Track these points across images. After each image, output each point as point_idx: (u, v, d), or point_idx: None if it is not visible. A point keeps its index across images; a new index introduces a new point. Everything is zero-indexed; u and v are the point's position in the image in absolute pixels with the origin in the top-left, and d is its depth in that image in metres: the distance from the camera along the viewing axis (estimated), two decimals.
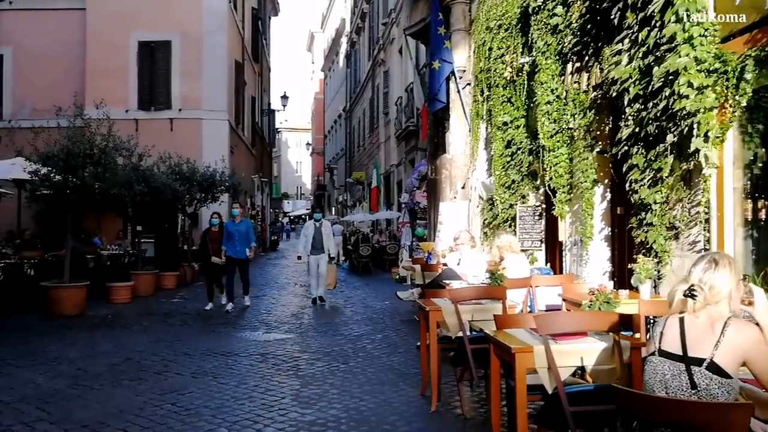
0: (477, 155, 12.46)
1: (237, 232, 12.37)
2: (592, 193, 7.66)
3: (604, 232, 7.84)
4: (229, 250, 12.35)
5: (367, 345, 8.80)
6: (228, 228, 12.43)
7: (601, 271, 7.83)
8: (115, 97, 20.80)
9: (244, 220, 12.85)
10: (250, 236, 12.63)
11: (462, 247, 8.75)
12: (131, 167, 12.88)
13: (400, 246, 20.77)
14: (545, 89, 8.46)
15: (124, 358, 7.98)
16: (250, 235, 12.60)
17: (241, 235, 12.35)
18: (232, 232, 12.37)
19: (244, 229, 12.48)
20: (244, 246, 12.38)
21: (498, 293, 5.66)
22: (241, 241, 12.33)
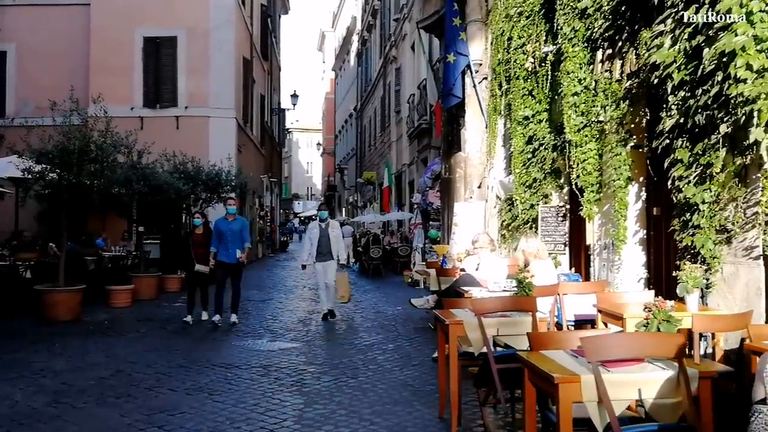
0: (494, 153, 11.78)
1: (230, 231, 10.57)
2: (625, 192, 6.96)
3: (639, 234, 7.15)
4: (220, 253, 10.60)
5: (378, 356, 8.14)
6: (219, 227, 10.62)
7: (636, 278, 7.13)
8: (119, 94, 20.31)
9: (239, 218, 11.01)
10: (245, 236, 10.80)
11: (481, 251, 8.13)
12: (130, 165, 12.27)
13: (412, 248, 20.11)
14: (572, 79, 7.76)
15: (114, 370, 7.36)
16: (244, 236, 10.77)
17: (235, 236, 10.58)
18: (224, 231, 10.57)
19: (238, 228, 10.66)
20: (239, 248, 10.62)
21: (527, 305, 4.98)
22: (235, 243, 10.58)
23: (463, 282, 7.80)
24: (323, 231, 11.25)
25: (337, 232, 11.45)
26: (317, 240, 11.16)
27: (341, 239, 11.60)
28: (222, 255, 10.57)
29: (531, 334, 3.84)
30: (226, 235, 10.53)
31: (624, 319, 5.00)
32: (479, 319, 4.83)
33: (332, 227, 11.44)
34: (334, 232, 11.34)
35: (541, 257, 6.90)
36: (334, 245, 11.24)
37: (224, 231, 10.56)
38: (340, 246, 11.41)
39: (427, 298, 8.60)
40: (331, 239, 11.22)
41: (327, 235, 11.21)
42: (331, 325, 10.64)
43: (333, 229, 11.41)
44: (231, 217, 10.77)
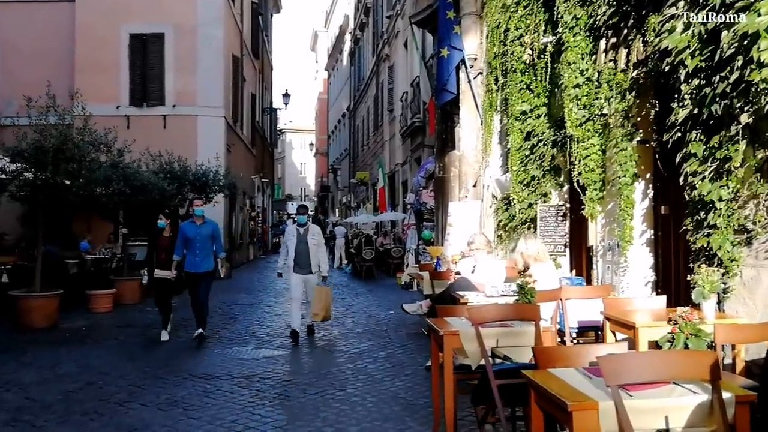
0: (490, 150, 11.32)
1: (198, 237, 9.08)
2: (631, 189, 6.51)
3: (646, 235, 6.69)
4: (188, 261, 9.08)
5: (368, 365, 7.66)
6: (185, 232, 9.07)
7: (643, 281, 6.68)
8: (105, 92, 19.84)
9: (210, 222, 9.49)
10: (218, 244, 9.37)
11: (477, 253, 7.68)
12: (110, 164, 11.74)
13: (405, 249, 19.63)
14: (573, 71, 7.31)
15: (84, 382, 6.86)
16: (217, 241, 9.34)
17: (204, 242, 9.11)
18: (190, 237, 9.03)
19: (208, 233, 9.19)
20: (208, 256, 9.16)
21: (530, 313, 4.51)
22: (204, 250, 9.09)
23: (459, 286, 7.33)
24: (301, 237, 9.42)
25: (318, 239, 9.55)
26: (294, 248, 9.37)
27: (323, 248, 9.77)
28: (189, 264, 9.11)
29: (537, 350, 3.38)
30: (194, 241, 9.08)
31: (636, 328, 4.55)
32: (477, 330, 4.37)
33: (312, 234, 9.51)
34: (314, 240, 9.47)
35: (542, 260, 6.44)
36: (314, 255, 9.43)
37: (192, 237, 9.08)
38: (322, 254, 9.61)
39: (420, 303, 8.14)
40: (311, 248, 9.39)
41: (306, 242, 9.37)
42: (320, 331, 10.15)
43: (313, 236, 9.49)
44: (199, 220, 9.25)
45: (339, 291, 16.53)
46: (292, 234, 9.57)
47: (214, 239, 9.32)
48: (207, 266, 9.18)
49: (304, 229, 9.56)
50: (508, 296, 6.66)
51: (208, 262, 9.19)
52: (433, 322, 4.92)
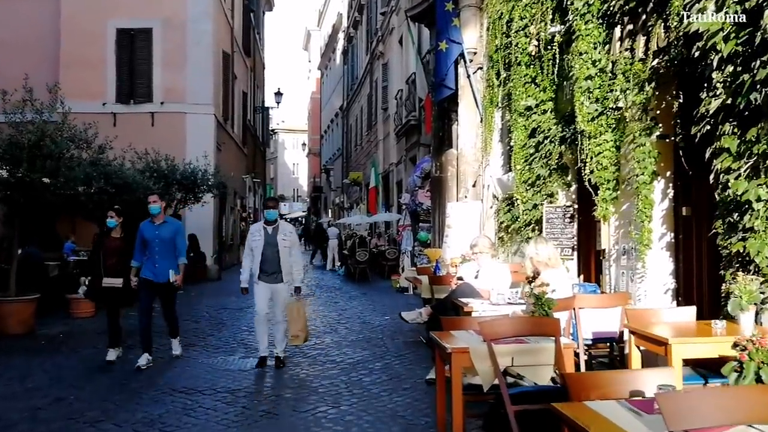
0: (490, 148, 10.81)
1: (157, 240, 7.67)
2: (650, 189, 6.01)
3: (666, 238, 6.19)
4: (145, 268, 7.72)
5: (363, 377, 7.11)
6: (143, 233, 7.72)
7: (662, 289, 6.17)
8: (91, 89, 19.27)
9: (171, 221, 8.08)
10: (179, 247, 7.85)
11: (481, 257, 7.15)
12: (89, 161, 11.15)
13: (400, 251, 19.10)
14: (585, 61, 6.79)
15: (54, 398, 6.29)
16: (178, 245, 7.83)
17: (164, 246, 7.68)
18: (149, 239, 7.68)
19: (169, 236, 7.73)
20: (171, 262, 7.70)
21: (549, 327, 3.99)
22: (165, 255, 7.67)
23: (461, 293, 6.79)
24: (270, 238, 7.61)
25: (290, 239, 7.74)
26: (260, 251, 7.58)
27: (298, 249, 8.02)
28: (146, 271, 7.69)
29: (568, 377, 2.84)
30: (153, 244, 7.66)
31: (668, 345, 4.03)
32: (490, 347, 3.84)
33: (283, 233, 7.67)
34: (286, 240, 7.64)
35: (554, 265, 5.92)
36: (286, 259, 7.62)
37: (150, 239, 7.67)
38: (296, 260, 7.81)
39: (419, 311, 7.59)
40: (281, 250, 7.58)
41: (275, 243, 7.57)
42: (312, 339, 9.57)
43: (285, 235, 7.67)
44: (158, 219, 7.78)
45: (332, 294, 16.01)
46: (258, 233, 7.65)
47: (176, 242, 7.82)
48: (168, 275, 7.68)
49: (272, 228, 7.65)
50: (516, 304, 6.15)
51: (170, 271, 7.68)
52: (438, 336, 4.38)
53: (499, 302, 6.25)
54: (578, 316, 5.65)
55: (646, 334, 4.29)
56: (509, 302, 6.28)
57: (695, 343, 4.08)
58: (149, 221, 7.84)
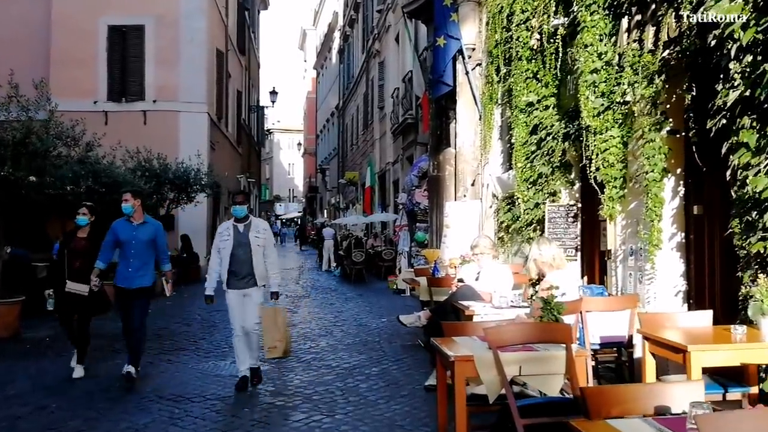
0: (490, 146, 10.54)
1: (134, 241, 6.83)
2: (660, 186, 5.73)
3: (676, 238, 5.91)
4: (118, 275, 6.87)
5: (360, 383, 6.83)
6: (117, 233, 6.82)
7: (672, 291, 5.89)
8: (82, 87, 18.96)
9: (151, 222, 7.08)
10: (162, 251, 7.04)
11: (482, 258, 6.87)
12: (77, 159, 10.83)
13: (397, 252, 18.81)
14: (590, 54, 6.52)
15: (35, 406, 5.99)
16: (160, 249, 7.02)
17: (142, 248, 6.83)
18: (124, 241, 6.81)
19: (148, 238, 6.88)
20: (145, 268, 6.86)
21: (560, 334, 3.71)
22: (141, 259, 6.82)
23: (462, 295, 6.53)
24: (240, 237, 6.62)
25: (264, 237, 6.71)
26: (230, 252, 6.57)
27: (273, 250, 6.83)
28: (121, 276, 6.84)
29: (588, 391, 2.55)
30: (128, 246, 6.81)
31: (687, 352, 3.75)
32: (496, 355, 3.56)
33: (256, 231, 6.68)
34: (259, 239, 6.64)
35: (559, 266, 5.63)
36: (260, 261, 6.62)
37: (125, 240, 6.81)
38: (271, 262, 6.73)
39: (418, 314, 7.32)
40: (254, 250, 6.59)
41: (247, 243, 6.59)
42: (307, 342, 9.31)
43: (258, 233, 6.68)
44: (136, 219, 6.88)
45: (327, 296, 15.73)
46: (227, 233, 6.64)
47: (157, 246, 6.97)
48: (142, 281, 6.83)
49: (243, 226, 6.66)
50: (520, 307, 5.89)
51: (145, 276, 6.86)
52: (439, 343, 4.10)
53: (501, 305, 5.99)
54: (585, 319, 5.39)
55: (663, 341, 4.01)
56: (512, 305, 6.02)
57: (715, 350, 3.81)
58: (125, 220, 6.88)
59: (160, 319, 10.99)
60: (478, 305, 6.08)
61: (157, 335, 9.56)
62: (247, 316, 6.66)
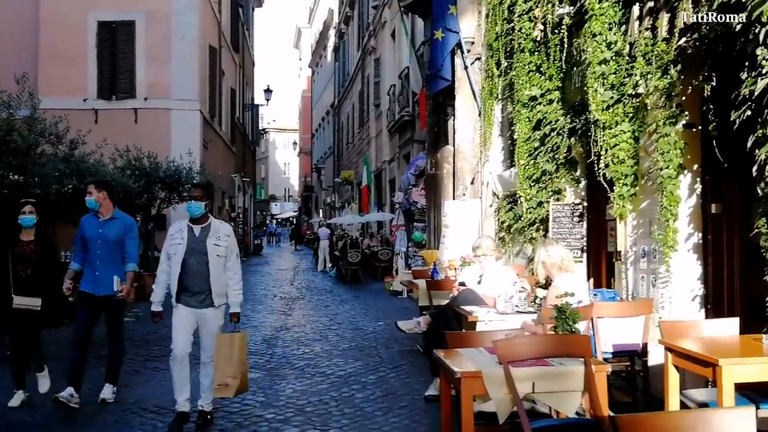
0: (490, 143, 10.17)
1: (100, 240, 5.94)
2: (676, 183, 5.37)
3: (693, 239, 5.56)
4: (83, 278, 5.99)
5: (356, 393, 6.46)
6: (83, 230, 5.98)
7: (689, 295, 5.53)
8: (71, 84, 18.57)
9: (122, 217, 6.17)
10: (130, 250, 6.04)
11: (484, 259, 6.51)
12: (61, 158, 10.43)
13: (393, 252, 18.44)
14: (599, 44, 6.15)
15: (5, 422, 5.61)
16: (128, 249, 6.02)
17: (109, 248, 5.94)
18: (90, 239, 5.93)
19: (116, 236, 5.97)
20: (115, 269, 5.93)
21: (578, 347, 3.35)
22: (108, 260, 5.92)
23: (464, 299, 6.16)
24: (196, 242, 5.34)
25: (226, 245, 5.40)
26: (181, 259, 5.28)
27: (236, 261, 5.52)
28: (86, 282, 5.97)
29: (622, 421, 2.18)
30: (94, 245, 5.93)
31: (719, 366, 3.38)
32: (507, 371, 3.19)
33: (217, 235, 5.38)
34: (219, 246, 5.35)
35: (568, 269, 5.26)
36: (219, 274, 5.33)
37: (91, 238, 5.94)
38: (234, 275, 5.47)
39: (417, 320, 6.96)
40: (212, 261, 5.30)
41: (204, 249, 5.31)
42: (301, 347, 8.94)
43: (218, 239, 5.37)
44: (104, 214, 5.97)
45: (322, 297, 15.37)
46: (179, 236, 5.37)
47: (125, 245, 6.02)
48: (111, 287, 5.89)
49: (200, 229, 5.38)
50: (526, 313, 5.53)
51: (112, 281, 5.89)
52: (443, 355, 3.72)
53: (506, 310, 5.64)
54: (596, 326, 5.02)
55: (689, 353, 3.64)
56: (518, 310, 5.67)
57: (748, 363, 3.45)
58: (93, 215, 6.02)
59: (150, 323, 10.56)
60: (482, 311, 5.72)
61: (145, 340, 9.17)
62: (203, 343, 5.46)
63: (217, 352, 5.31)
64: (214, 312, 5.42)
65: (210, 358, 5.41)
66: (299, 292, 16.55)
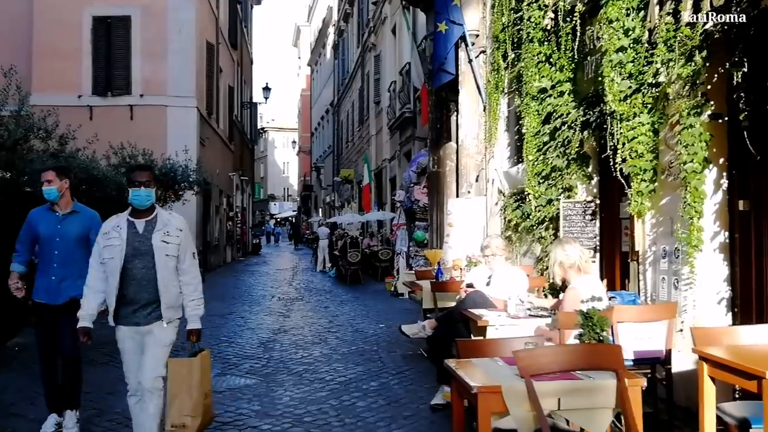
0: (495, 139, 9.81)
1: (58, 238, 5.01)
2: (701, 178, 5.00)
3: (719, 238, 5.19)
4: (37, 286, 5.08)
5: (357, 401, 6.09)
6: (35, 226, 5.05)
7: (715, 298, 5.17)
8: (66, 81, 18.18)
9: (83, 211, 5.16)
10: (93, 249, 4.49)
11: (494, 260, 6.14)
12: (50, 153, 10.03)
13: (394, 252, 18.07)
14: (616, 30, 5.79)
15: None
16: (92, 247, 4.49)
17: (70, 248, 5.00)
18: (45, 237, 5.03)
19: (78, 233, 5.03)
20: (76, 273, 4.83)
21: (609, 359, 2.98)
22: (68, 263, 4.98)
23: (472, 302, 5.79)
24: (138, 239, 4.28)
25: (180, 242, 4.32)
26: (120, 265, 4.22)
27: (193, 262, 4.42)
28: (41, 287, 5.04)
29: None
30: (50, 244, 5.01)
31: (765, 379, 3.02)
32: (530, 386, 2.83)
33: (166, 230, 4.31)
34: (170, 244, 4.29)
35: (586, 270, 4.91)
36: (169, 281, 4.29)
37: (47, 236, 5.01)
38: (191, 279, 4.40)
39: (422, 324, 6.58)
40: (160, 264, 4.26)
41: (149, 249, 4.26)
42: (299, 350, 8.58)
43: (168, 235, 4.30)
44: (62, 207, 5.04)
45: (321, 298, 15.00)
46: (116, 233, 4.25)
47: (89, 244, 4.77)
48: (72, 292, 4.86)
49: (145, 223, 4.28)
50: (540, 317, 5.17)
51: (75, 286, 4.74)
52: (456, 366, 3.35)
53: (518, 314, 5.26)
54: (616, 331, 4.66)
55: (731, 364, 3.27)
56: (530, 314, 5.31)
57: None
58: (46, 208, 5.06)
59: None
60: (492, 314, 5.35)
61: None
62: (144, 366, 4.25)
63: (171, 383, 4.16)
64: (164, 329, 4.27)
65: (152, 384, 4.23)
66: (298, 293, 16.19)
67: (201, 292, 4.44)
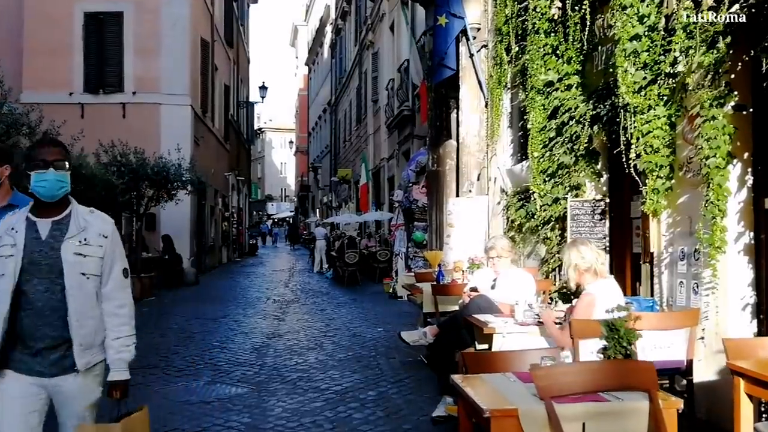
0: (497, 136, 9.45)
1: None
2: (724, 175, 4.64)
3: (744, 239, 4.82)
4: None
5: (353, 414, 5.71)
6: None
7: (739, 304, 4.79)
8: (57, 78, 17.86)
9: (25, 201, 3.07)
10: None
11: (499, 262, 5.77)
12: None
13: (392, 253, 17.70)
14: (629, 18, 5.43)
15: None
16: None
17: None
18: None
19: None
20: None
21: (641, 376, 2.61)
22: None
23: (477, 307, 5.42)
24: (40, 250, 2.79)
25: (104, 252, 2.89)
26: (13, 282, 2.74)
27: (124, 282, 2.99)
28: None
29: None
30: None
31: None
32: (551, 409, 2.46)
33: (82, 231, 2.85)
34: (86, 254, 2.84)
35: (603, 274, 4.54)
36: (87, 308, 2.85)
37: None
38: (118, 305, 2.95)
39: (423, 330, 6.22)
40: (71, 284, 2.82)
41: (56, 262, 2.79)
42: (294, 356, 8.20)
43: (86, 239, 2.85)
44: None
45: (318, 300, 14.63)
46: (10, 239, 2.79)
47: None
48: None
49: (51, 224, 2.84)
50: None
51: None
52: (463, 383, 2.98)
53: (526, 321, 4.90)
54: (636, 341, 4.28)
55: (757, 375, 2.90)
56: (538, 321, 4.93)
57: None
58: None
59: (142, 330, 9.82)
60: (498, 321, 4.99)
61: None
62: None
63: None
64: (80, 381, 2.87)
65: None
66: (294, 295, 15.82)
67: (133, 327, 3.01)
